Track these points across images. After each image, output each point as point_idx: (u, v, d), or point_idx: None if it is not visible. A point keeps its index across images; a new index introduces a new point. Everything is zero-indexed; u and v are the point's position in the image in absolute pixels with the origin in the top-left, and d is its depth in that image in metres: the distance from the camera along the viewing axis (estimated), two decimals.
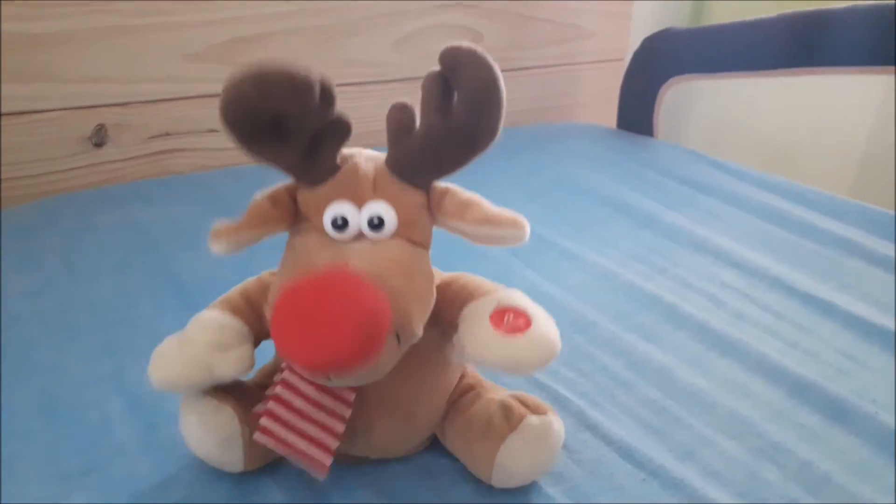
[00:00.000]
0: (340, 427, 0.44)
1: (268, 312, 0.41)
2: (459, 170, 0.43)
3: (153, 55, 0.97)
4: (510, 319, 0.43)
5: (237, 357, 0.44)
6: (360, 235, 0.43)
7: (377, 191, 0.43)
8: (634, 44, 1.24)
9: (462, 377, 0.51)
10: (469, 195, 0.44)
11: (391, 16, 1.12)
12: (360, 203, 0.43)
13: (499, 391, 0.50)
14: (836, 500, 0.48)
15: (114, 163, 0.99)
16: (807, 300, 0.71)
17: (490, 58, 0.40)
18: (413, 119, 0.43)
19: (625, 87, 1.26)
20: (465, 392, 0.50)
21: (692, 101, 1.24)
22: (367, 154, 0.45)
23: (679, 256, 0.80)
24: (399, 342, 0.42)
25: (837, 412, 0.56)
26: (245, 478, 0.47)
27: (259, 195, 0.44)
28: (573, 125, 1.28)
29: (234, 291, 0.48)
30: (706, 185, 1.00)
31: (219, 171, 1.02)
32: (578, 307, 0.69)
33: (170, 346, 0.45)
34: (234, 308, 0.47)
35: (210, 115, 1.03)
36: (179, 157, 1.03)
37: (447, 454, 0.50)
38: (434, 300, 0.45)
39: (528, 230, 0.43)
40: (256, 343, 0.47)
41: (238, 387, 0.47)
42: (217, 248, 0.42)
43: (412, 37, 1.14)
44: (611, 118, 1.31)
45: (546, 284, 0.73)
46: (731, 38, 1.11)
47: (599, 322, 0.67)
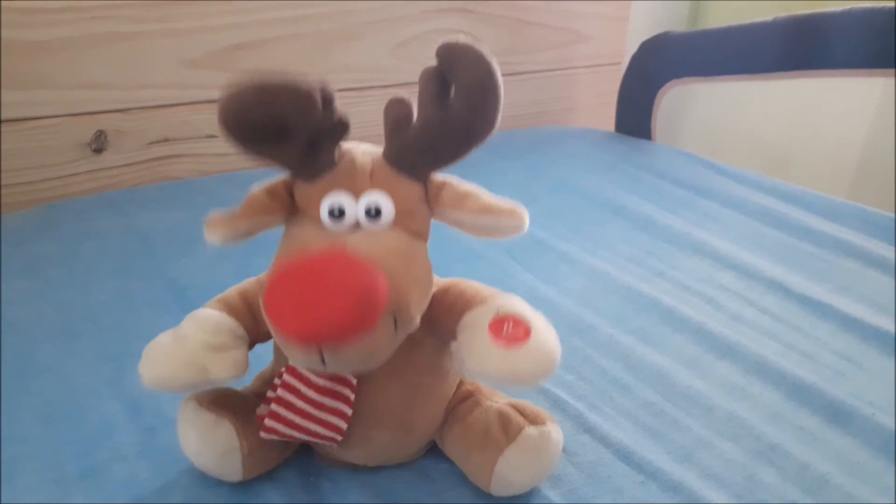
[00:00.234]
0: (343, 424, 0.44)
1: (261, 296, 0.40)
2: (457, 161, 0.43)
3: (152, 62, 0.97)
4: (509, 329, 0.42)
5: (232, 360, 0.44)
6: (357, 226, 0.43)
7: (374, 182, 0.43)
8: (632, 48, 1.25)
9: (461, 383, 0.51)
10: (467, 186, 0.44)
11: (389, 21, 1.12)
12: (358, 194, 0.43)
13: (498, 398, 0.50)
14: (835, 502, 0.48)
15: (113, 169, 1.00)
16: (804, 302, 0.71)
17: (487, 51, 0.41)
18: (411, 112, 0.43)
19: (623, 91, 1.26)
20: (464, 399, 0.50)
21: (690, 105, 1.25)
22: (365, 148, 0.45)
23: (677, 259, 0.80)
24: (396, 327, 0.41)
25: (835, 414, 0.56)
26: (244, 482, 0.47)
27: (255, 187, 0.44)
28: (571, 129, 1.29)
29: (233, 291, 0.48)
30: (704, 188, 1.00)
31: (218, 177, 1.02)
32: (576, 310, 0.69)
33: (163, 344, 0.44)
34: (232, 308, 0.46)
35: (209, 121, 1.03)
36: (178, 163, 1.04)
37: (447, 458, 0.50)
38: (432, 290, 0.45)
39: (527, 220, 0.43)
40: (251, 346, 0.47)
41: (236, 397, 0.47)
42: (213, 238, 0.42)
43: (410, 42, 1.15)
44: (608, 122, 1.31)
45: (544, 287, 0.73)
46: (729, 42, 1.11)
47: (597, 325, 0.67)
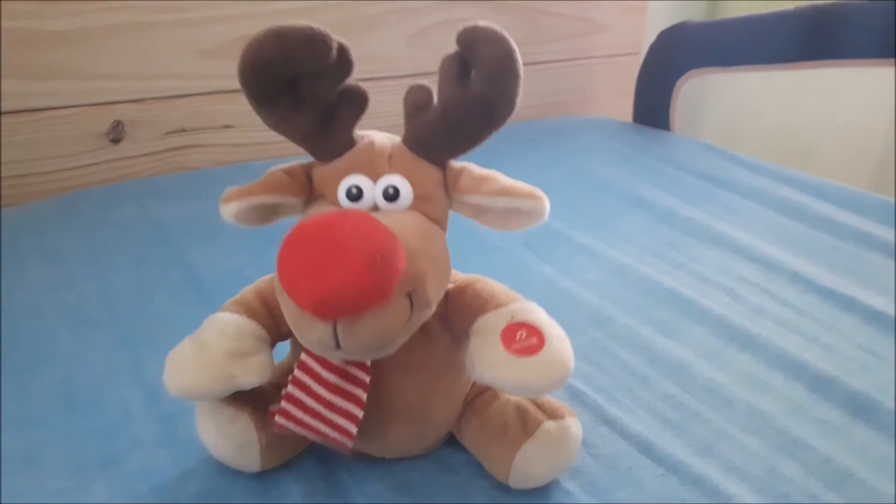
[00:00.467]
0: (353, 427, 0.43)
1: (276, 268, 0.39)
2: (477, 144, 0.43)
3: (169, 52, 0.97)
4: (522, 337, 0.41)
5: (258, 365, 0.43)
6: (375, 209, 0.42)
7: (393, 165, 0.43)
8: (650, 38, 1.23)
9: None
10: (485, 170, 0.44)
11: (405, 11, 1.12)
12: (376, 177, 0.42)
13: None
14: (857, 496, 0.47)
15: (130, 159, 1.00)
16: (826, 295, 0.70)
17: (506, 33, 0.40)
18: (430, 97, 0.43)
19: (641, 81, 1.25)
20: (482, 391, 0.50)
21: (709, 95, 1.23)
22: (384, 134, 0.45)
23: (697, 251, 0.80)
24: (412, 307, 0.40)
25: (858, 407, 0.55)
26: (262, 472, 0.47)
27: (274, 167, 0.44)
28: (589, 119, 1.28)
29: (249, 292, 0.47)
30: (723, 180, 0.99)
31: (234, 167, 1.02)
32: (595, 302, 0.69)
33: (186, 352, 0.43)
34: (250, 310, 0.46)
35: (225, 111, 1.03)
36: (195, 153, 1.04)
37: (466, 449, 0.50)
38: (449, 279, 0.45)
39: (548, 204, 0.42)
40: (273, 345, 0.46)
41: (254, 389, 0.47)
42: (227, 211, 0.41)
43: (426, 32, 1.14)
44: (625, 113, 1.30)
45: (562, 279, 0.73)
46: (748, 32, 1.10)
47: (616, 317, 0.66)
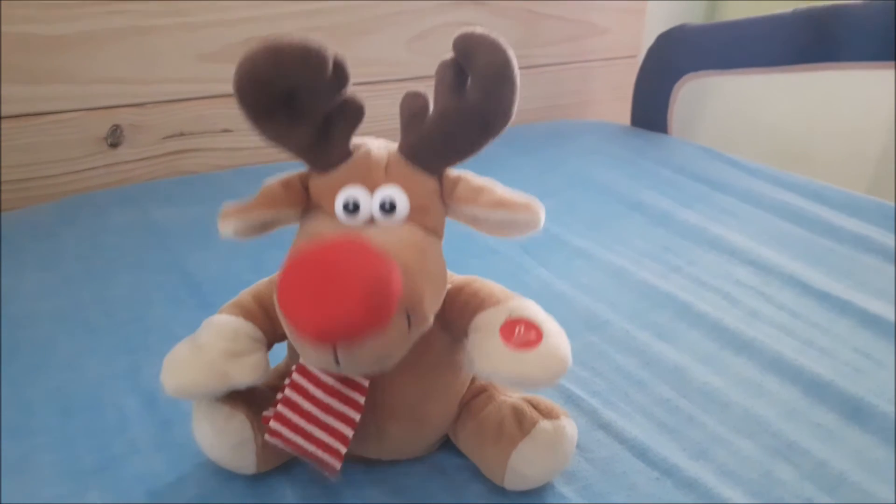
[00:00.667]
0: (350, 431, 0.44)
1: (276, 291, 0.40)
2: (473, 154, 0.43)
3: (168, 56, 0.98)
4: (521, 332, 0.42)
5: (252, 364, 0.44)
6: (372, 221, 0.43)
7: (389, 175, 0.43)
8: (648, 40, 1.24)
9: (474, 378, 0.51)
10: (482, 180, 0.44)
11: (404, 14, 1.12)
12: (373, 188, 0.42)
13: (511, 392, 0.50)
14: (852, 500, 0.47)
15: (129, 163, 1.00)
16: (822, 298, 0.70)
17: (503, 41, 0.40)
18: (426, 106, 0.43)
19: (639, 84, 1.25)
20: (478, 394, 0.50)
21: (707, 98, 1.24)
22: (380, 142, 0.45)
23: (693, 254, 0.80)
24: (409, 325, 0.40)
25: (853, 411, 0.55)
26: (258, 476, 0.48)
27: (270, 179, 0.44)
28: (587, 122, 1.28)
29: (247, 294, 0.48)
30: (721, 183, 0.99)
31: (233, 171, 1.02)
32: (592, 305, 0.69)
33: (183, 353, 0.45)
34: (247, 312, 0.46)
35: (224, 116, 1.03)
36: (194, 158, 1.04)
37: (461, 452, 0.50)
38: (446, 288, 0.45)
39: (543, 215, 0.42)
40: (269, 346, 0.47)
41: (250, 391, 0.47)
42: (226, 229, 0.41)
43: (426, 35, 1.14)
44: (624, 116, 1.31)
45: (559, 283, 0.73)
46: (746, 34, 1.10)
47: (613, 321, 0.66)
